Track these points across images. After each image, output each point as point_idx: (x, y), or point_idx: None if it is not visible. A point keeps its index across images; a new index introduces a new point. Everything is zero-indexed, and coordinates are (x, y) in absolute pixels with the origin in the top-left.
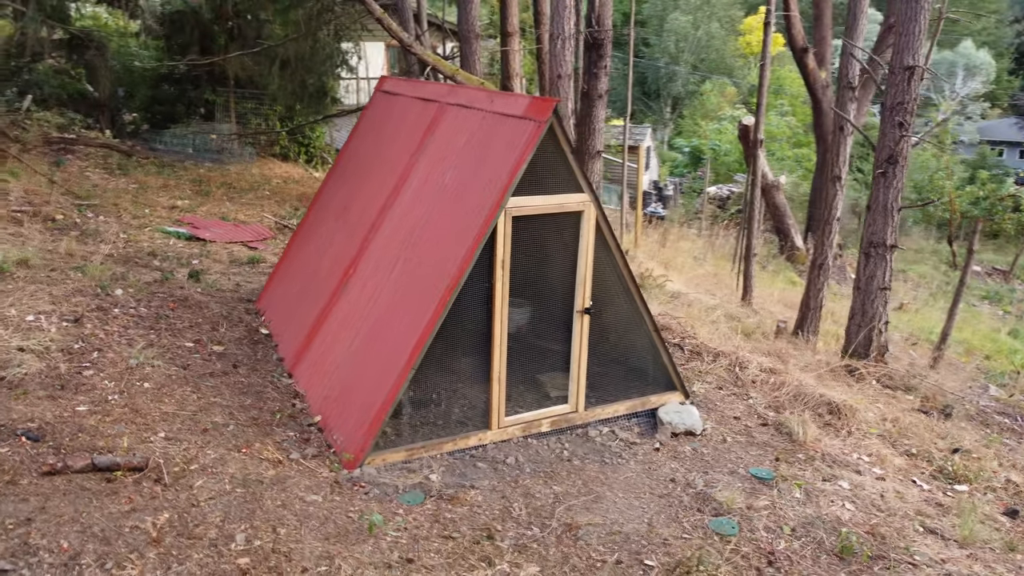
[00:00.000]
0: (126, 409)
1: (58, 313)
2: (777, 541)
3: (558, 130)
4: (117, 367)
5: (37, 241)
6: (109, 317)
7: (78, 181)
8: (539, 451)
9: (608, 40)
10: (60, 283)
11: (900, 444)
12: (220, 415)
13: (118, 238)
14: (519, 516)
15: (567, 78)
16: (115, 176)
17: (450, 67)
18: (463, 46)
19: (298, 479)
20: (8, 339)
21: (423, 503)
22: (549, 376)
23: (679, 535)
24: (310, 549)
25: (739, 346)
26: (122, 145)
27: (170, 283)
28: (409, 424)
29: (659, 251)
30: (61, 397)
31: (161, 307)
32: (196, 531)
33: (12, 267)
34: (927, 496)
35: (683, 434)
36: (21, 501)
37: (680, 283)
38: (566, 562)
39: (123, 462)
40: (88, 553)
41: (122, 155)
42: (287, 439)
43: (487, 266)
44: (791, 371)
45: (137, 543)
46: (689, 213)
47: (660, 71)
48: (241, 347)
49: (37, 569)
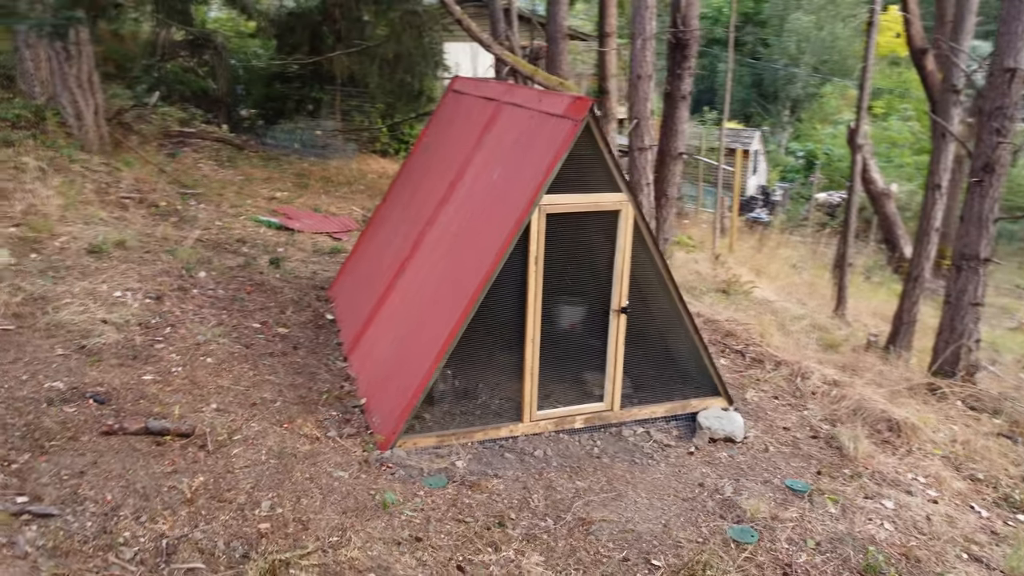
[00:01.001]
0: (186, 381)
1: (143, 290)
2: (798, 554)
3: (595, 129)
4: (186, 342)
5: (139, 225)
6: (187, 296)
7: (188, 172)
8: (569, 446)
9: (694, 40)
10: (150, 264)
11: (966, 468)
12: (270, 391)
13: (213, 225)
14: (536, 507)
15: (647, 79)
16: (224, 168)
17: (529, 67)
18: (551, 46)
19: (330, 455)
20: (95, 312)
21: (445, 487)
22: (594, 375)
23: (694, 539)
24: (327, 520)
25: (809, 356)
26: (235, 139)
27: (251, 268)
28: (442, 412)
29: (754, 257)
30: (131, 366)
31: (238, 290)
32: (227, 495)
33: (110, 248)
34: (983, 523)
35: (722, 440)
36: (78, 456)
37: (770, 290)
38: (572, 555)
39: (173, 428)
40: (127, 506)
41: (233, 148)
42: (329, 418)
43: (522, 262)
44: (856, 384)
45: (172, 501)
46: (795, 220)
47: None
48: (304, 331)
49: (80, 517)
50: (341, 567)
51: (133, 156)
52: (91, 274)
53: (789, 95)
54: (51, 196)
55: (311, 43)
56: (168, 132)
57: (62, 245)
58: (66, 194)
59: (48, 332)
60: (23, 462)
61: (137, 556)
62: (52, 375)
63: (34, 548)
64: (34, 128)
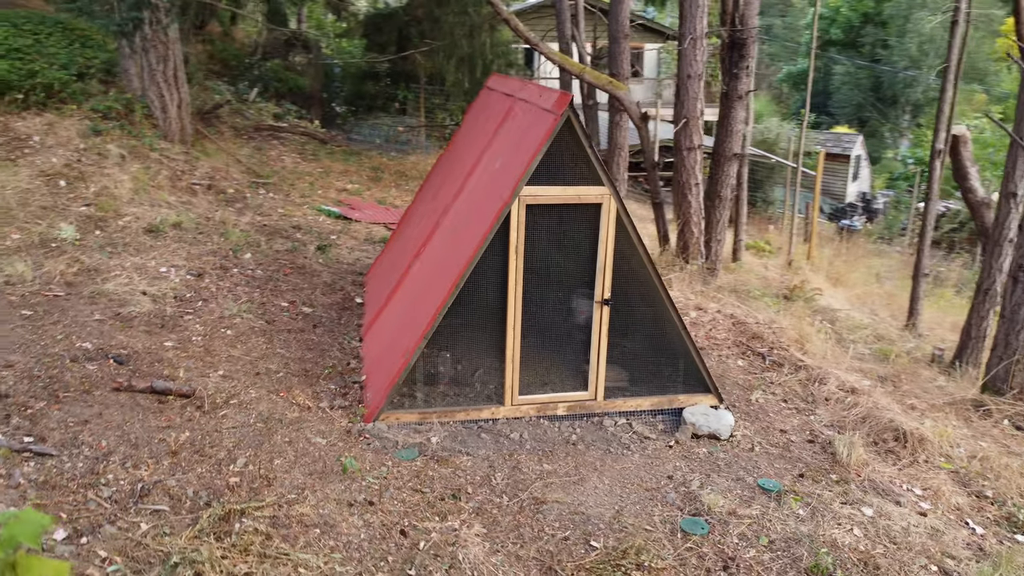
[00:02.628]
0: (201, 349)
1: (186, 268)
2: (746, 550)
3: (575, 124)
4: (212, 315)
5: (202, 209)
6: (226, 275)
7: (270, 163)
8: (547, 431)
9: (751, 40)
10: (200, 244)
11: (975, 484)
12: (276, 363)
13: (274, 212)
14: (496, 485)
15: (696, 78)
16: (307, 161)
17: (577, 65)
18: (611, 46)
19: (315, 423)
20: (137, 284)
21: (414, 460)
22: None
23: (642, 526)
24: (291, 480)
25: (845, 365)
26: (319, 133)
27: (297, 252)
28: (435, 392)
29: (833, 265)
30: (156, 333)
31: (277, 271)
32: (208, 450)
33: (167, 228)
34: (972, 540)
35: (706, 437)
36: (87, 407)
37: (842, 299)
38: (515, 530)
39: (175, 388)
40: (117, 453)
41: (318, 143)
42: (326, 391)
43: (504, 251)
44: (876, 394)
45: (158, 452)
46: (895, 228)
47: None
48: (329, 312)
49: (74, 459)
50: (290, 520)
51: (214, 147)
52: (144, 251)
53: (909, 99)
54: (125, 180)
55: (398, 43)
56: (259, 126)
57: (124, 224)
58: (140, 179)
59: (91, 299)
60: (38, 408)
61: (113, 495)
62: (84, 336)
63: (27, 481)
64: (123, 119)
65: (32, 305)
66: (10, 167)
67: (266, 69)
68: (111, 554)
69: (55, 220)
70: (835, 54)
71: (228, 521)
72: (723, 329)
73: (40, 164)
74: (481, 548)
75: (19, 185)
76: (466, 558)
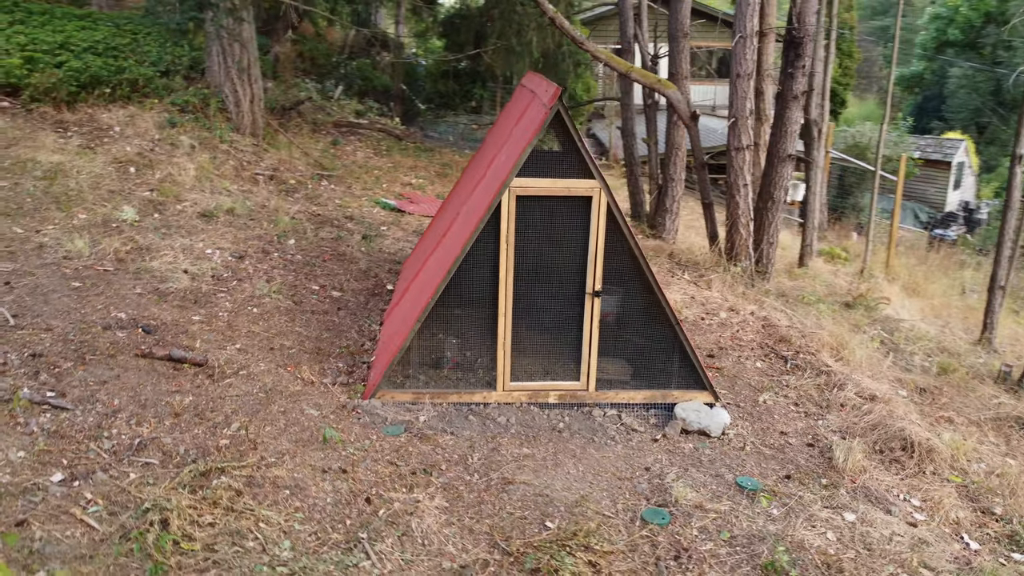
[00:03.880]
0: (225, 324)
1: (230, 250)
2: (704, 542)
3: (565, 117)
4: (243, 294)
5: (260, 198)
6: (266, 258)
7: (341, 157)
8: (535, 418)
9: (808, 39)
10: (248, 229)
11: (986, 500)
12: (291, 340)
13: (330, 202)
14: (471, 464)
15: (746, 77)
16: (379, 156)
17: (624, 64)
18: (671, 44)
19: (314, 397)
20: (181, 263)
21: (399, 436)
22: (600, 360)
23: (603, 511)
24: (276, 445)
25: (880, 374)
26: (396, 130)
27: (341, 241)
28: (425, 373)
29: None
30: (187, 308)
31: (317, 257)
32: (207, 415)
33: (220, 214)
34: (961, 555)
35: (695, 433)
36: (108, 369)
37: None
38: (476, 505)
39: (190, 357)
40: (125, 411)
41: (394, 139)
42: (333, 368)
43: (495, 242)
44: (895, 402)
45: (162, 413)
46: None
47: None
48: (357, 296)
49: (86, 413)
50: (264, 480)
51: (284, 140)
52: (194, 233)
53: None
54: (190, 169)
55: (476, 43)
56: (339, 122)
57: (182, 208)
58: (205, 168)
59: (135, 275)
60: (65, 368)
61: (113, 447)
62: (121, 307)
63: (40, 430)
64: (198, 112)
65: (82, 278)
66: (88, 154)
67: (352, 68)
68: (95, 497)
69: (119, 203)
70: (952, 56)
71: (207, 477)
72: (751, 331)
73: (115, 152)
74: (436, 519)
75: (93, 171)
76: (419, 527)
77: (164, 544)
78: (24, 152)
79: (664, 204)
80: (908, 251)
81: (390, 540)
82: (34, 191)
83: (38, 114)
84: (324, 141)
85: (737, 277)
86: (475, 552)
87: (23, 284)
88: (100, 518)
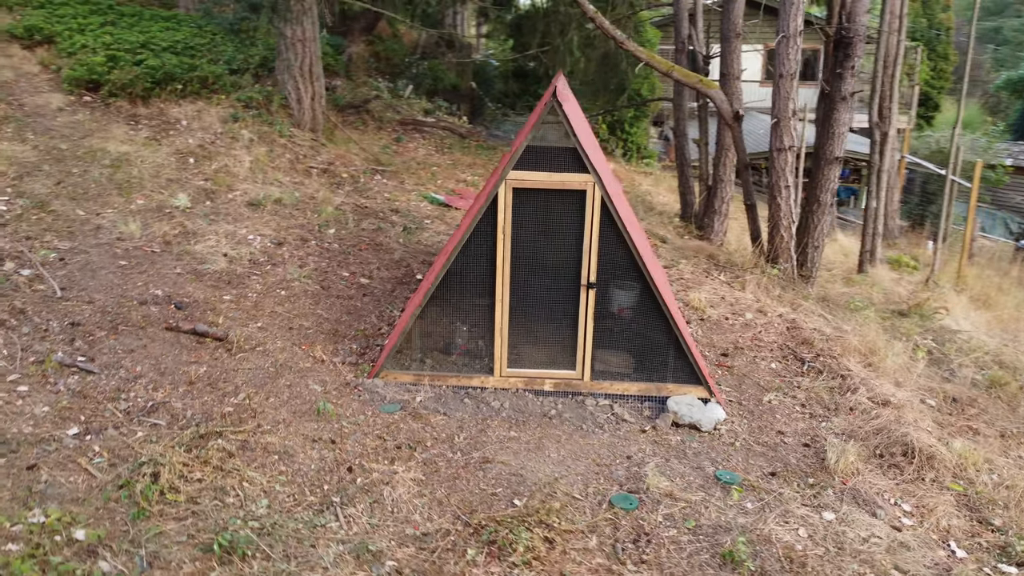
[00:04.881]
0: (251, 304)
1: (271, 237)
2: (667, 529)
3: (560, 112)
4: (275, 278)
5: (310, 189)
6: (304, 245)
7: (402, 153)
8: (529, 404)
9: (857, 39)
10: (292, 218)
11: (987, 511)
12: (311, 321)
13: (379, 196)
14: (457, 443)
15: (788, 77)
16: (440, 153)
17: (665, 63)
18: (723, 45)
19: (321, 374)
20: (222, 247)
21: (394, 413)
22: (603, 352)
23: (572, 493)
24: (275, 415)
25: (905, 383)
26: (460, 128)
27: (381, 232)
28: (427, 357)
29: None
30: (220, 288)
31: (353, 246)
32: (219, 385)
33: (268, 203)
34: (944, 562)
35: (686, 427)
36: (137, 339)
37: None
38: (451, 481)
39: (212, 332)
40: (145, 377)
41: (458, 137)
42: (345, 348)
43: (493, 232)
44: (906, 408)
45: (178, 381)
46: None
47: None
48: (385, 284)
49: (109, 378)
50: (257, 445)
51: (343, 136)
52: (240, 220)
53: None
54: (246, 161)
55: (542, 43)
56: (405, 120)
57: (232, 197)
58: (260, 160)
59: (178, 256)
60: (99, 336)
61: (127, 408)
62: (159, 285)
63: (66, 388)
64: (261, 108)
65: (130, 257)
66: (154, 145)
67: (423, 67)
68: (102, 450)
69: (175, 190)
70: None
71: (205, 439)
72: (775, 333)
73: (178, 144)
74: (408, 490)
75: (156, 160)
76: (391, 496)
77: (150, 493)
78: (96, 142)
79: (713, 205)
80: (989, 262)
81: (361, 506)
82: (99, 178)
83: (114, 108)
84: (387, 138)
85: (774, 279)
86: (439, 522)
87: (76, 261)
88: (101, 468)
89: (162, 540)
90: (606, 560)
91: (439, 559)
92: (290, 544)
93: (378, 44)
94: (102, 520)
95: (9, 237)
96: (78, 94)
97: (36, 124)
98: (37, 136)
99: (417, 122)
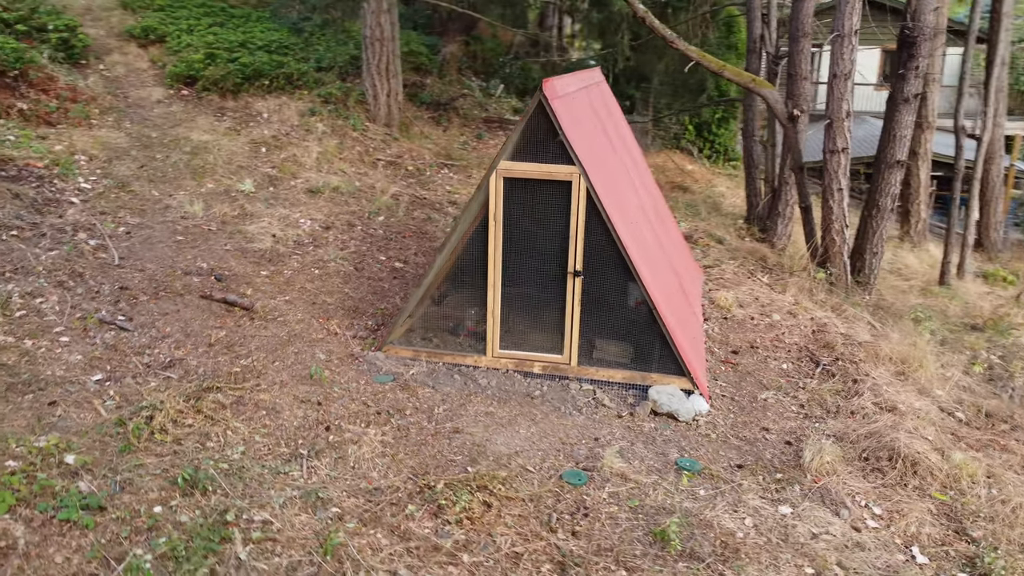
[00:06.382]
0: (284, 280)
1: (321, 221)
2: (608, 505)
3: (548, 109)
4: (313, 258)
5: (372, 180)
6: (350, 230)
7: (477, 150)
8: (516, 384)
9: (923, 39)
10: (346, 205)
11: (970, 522)
12: (335, 298)
13: (440, 188)
14: (435, 414)
15: (843, 77)
16: None
17: (717, 62)
18: (791, 45)
19: (330, 345)
20: (272, 228)
21: (385, 384)
22: (602, 341)
23: (526, 466)
24: (275, 377)
25: (938, 396)
26: None
27: (429, 222)
28: (440, 336)
29: None
30: (260, 264)
31: (398, 233)
32: (234, 348)
33: (326, 191)
34: (896, 566)
35: (664, 415)
36: (172, 305)
37: None
38: (417, 446)
39: (239, 302)
40: (171, 337)
41: None
42: (361, 324)
43: (485, 219)
44: (909, 416)
45: (199, 343)
46: None
47: None
48: (419, 269)
49: (141, 335)
50: (250, 401)
51: (417, 131)
52: (296, 205)
53: None
54: (314, 151)
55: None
56: (490, 118)
57: (294, 185)
58: (329, 151)
59: (230, 235)
60: (141, 300)
61: (149, 362)
62: (206, 259)
63: (101, 342)
64: (338, 103)
65: (187, 233)
66: (233, 135)
67: (516, 67)
68: (116, 395)
69: (243, 176)
70: None
71: (206, 392)
72: (799, 335)
73: (255, 135)
74: (373, 450)
75: (232, 149)
76: (355, 453)
77: (141, 432)
78: (182, 131)
79: (776, 208)
80: None
81: (326, 460)
82: (178, 163)
83: (206, 101)
84: (469, 135)
85: (819, 283)
86: (393, 480)
87: (140, 234)
88: (109, 409)
89: (139, 471)
90: (539, 527)
91: (381, 512)
92: (251, 485)
93: (475, 44)
94: (93, 450)
95: (87, 212)
96: (177, 88)
97: (135, 114)
98: (133, 125)
99: (503, 120)
